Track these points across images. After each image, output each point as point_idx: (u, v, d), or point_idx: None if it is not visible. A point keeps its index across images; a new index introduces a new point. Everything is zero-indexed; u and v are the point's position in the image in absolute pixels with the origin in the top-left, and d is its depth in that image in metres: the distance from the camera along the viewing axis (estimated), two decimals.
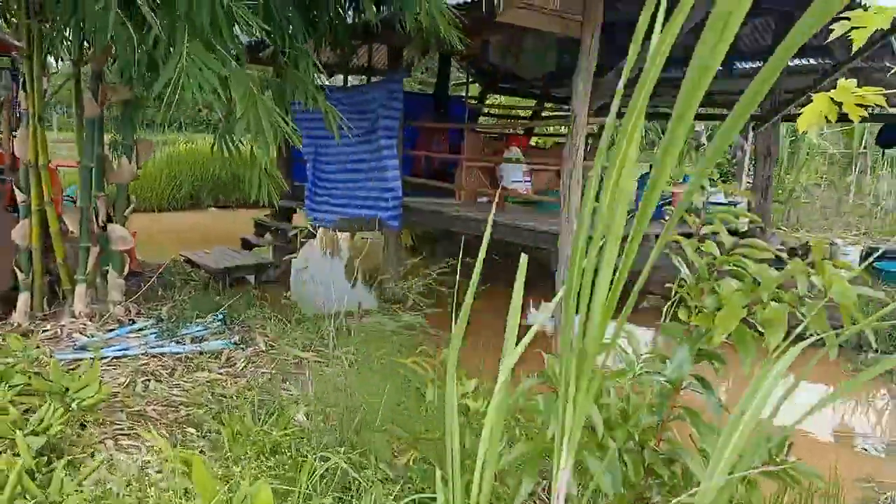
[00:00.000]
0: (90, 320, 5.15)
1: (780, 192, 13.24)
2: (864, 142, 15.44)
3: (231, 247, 10.06)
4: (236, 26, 4.10)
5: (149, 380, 4.28)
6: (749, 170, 11.48)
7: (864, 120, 3.10)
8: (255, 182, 4.78)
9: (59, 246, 5.26)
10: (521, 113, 13.15)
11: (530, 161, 9.41)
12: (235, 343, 4.97)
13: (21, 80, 5.24)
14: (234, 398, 3.99)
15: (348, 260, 10.40)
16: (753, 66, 10.06)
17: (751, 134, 13.28)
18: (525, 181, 9.42)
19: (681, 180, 8.48)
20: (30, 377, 3.47)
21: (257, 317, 5.72)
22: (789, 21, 8.00)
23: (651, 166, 1.10)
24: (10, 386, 3.37)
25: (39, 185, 5.12)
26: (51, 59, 5.57)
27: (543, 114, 12.42)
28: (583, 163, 6.43)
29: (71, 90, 5.26)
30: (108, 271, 5.42)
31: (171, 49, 3.72)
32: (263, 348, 4.97)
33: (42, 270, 5.27)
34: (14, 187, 5.21)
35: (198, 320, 5.30)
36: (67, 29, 4.81)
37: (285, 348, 4.96)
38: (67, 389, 3.36)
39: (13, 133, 5.82)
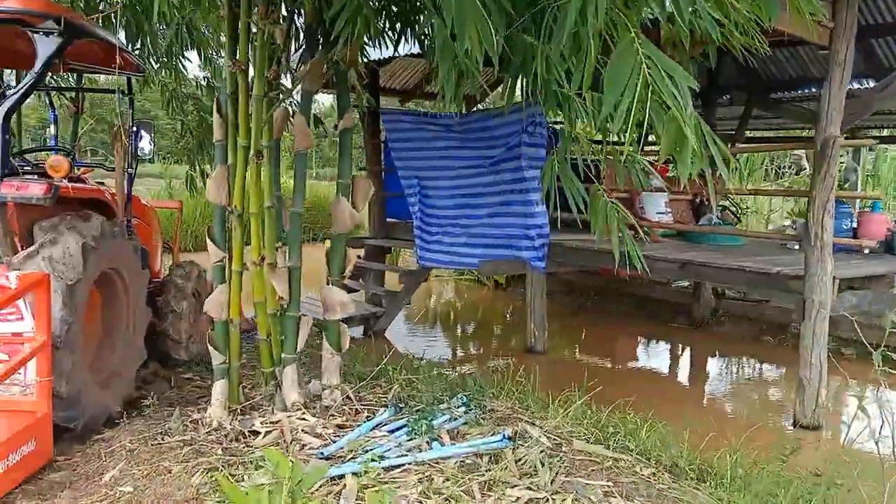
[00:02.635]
0: (308, 412, 3.96)
1: None
2: None
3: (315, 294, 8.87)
4: None
5: None
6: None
7: None
8: None
9: (264, 318, 4.06)
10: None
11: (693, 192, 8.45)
12: (509, 438, 3.81)
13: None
14: None
15: None
16: None
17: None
18: (668, 212, 8.45)
19: None
20: None
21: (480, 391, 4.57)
22: None
23: None
24: None
25: (242, 237, 3.94)
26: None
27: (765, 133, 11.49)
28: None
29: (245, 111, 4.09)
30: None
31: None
32: (548, 444, 3.82)
33: (239, 350, 4.07)
34: (209, 237, 4.01)
35: (440, 406, 4.12)
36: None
37: (580, 444, 3.82)
38: None
39: (128, 170, 4.84)
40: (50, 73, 5.56)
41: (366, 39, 3.81)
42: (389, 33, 4.07)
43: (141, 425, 4.18)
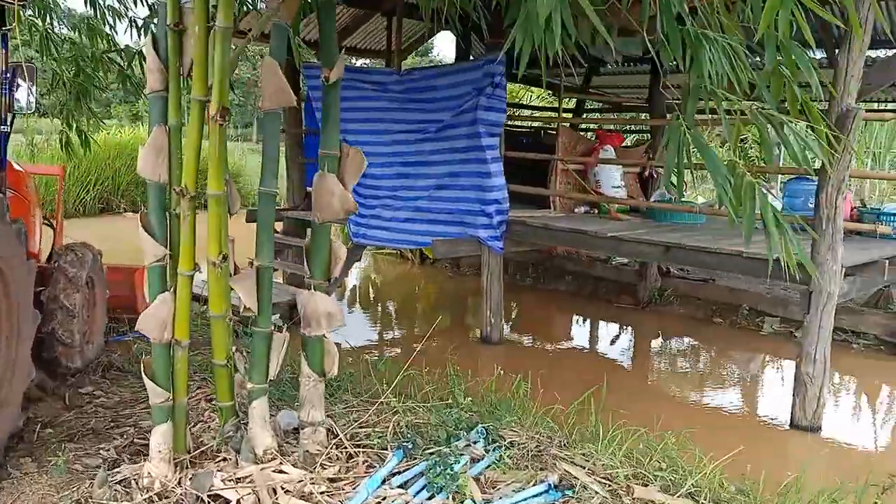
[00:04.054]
0: (287, 461, 2.93)
1: None
2: None
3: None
4: None
5: None
6: None
7: None
8: None
9: (222, 338, 2.95)
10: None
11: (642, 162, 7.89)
12: (555, 487, 2.99)
13: None
14: None
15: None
16: None
17: None
18: (622, 186, 7.86)
19: None
20: None
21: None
22: None
23: None
24: None
25: (194, 229, 2.80)
26: None
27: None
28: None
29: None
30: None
31: None
32: (603, 493, 3.03)
33: (187, 383, 2.95)
34: (144, 229, 2.82)
35: (457, 445, 3.21)
36: None
37: (642, 491, 3.05)
38: None
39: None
40: None
41: None
42: None
43: (39, 486, 2.98)
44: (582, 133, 9.16)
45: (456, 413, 3.40)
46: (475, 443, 3.26)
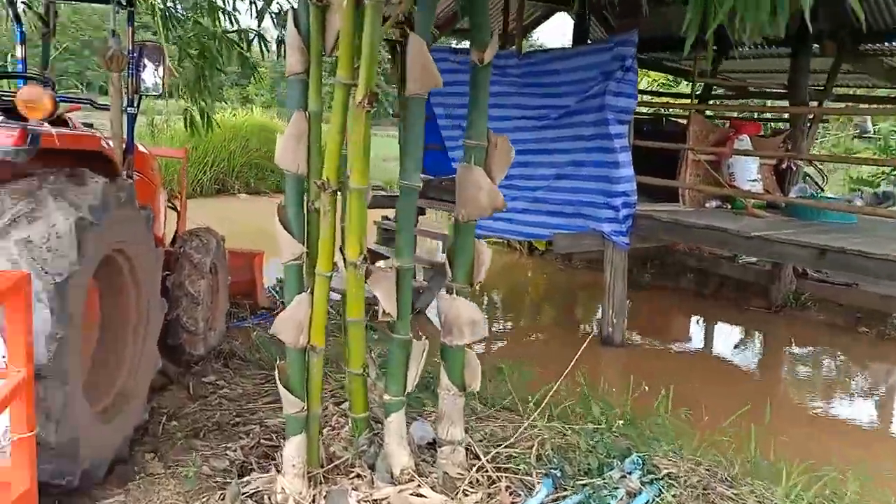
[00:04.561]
0: (425, 482, 2.66)
1: None
2: None
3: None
4: None
5: None
6: None
7: None
8: None
9: (359, 344, 2.71)
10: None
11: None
12: None
13: None
14: None
15: None
16: None
17: None
18: (759, 180, 7.19)
19: None
20: None
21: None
22: None
23: None
24: None
25: (334, 226, 2.55)
26: None
27: None
28: None
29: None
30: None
31: None
32: None
33: (320, 393, 2.73)
34: (280, 224, 2.60)
35: (611, 476, 2.85)
36: None
37: None
38: None
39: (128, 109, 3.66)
40: None
41: None
42: None
43: (168, 493, 2.85)
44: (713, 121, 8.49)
45: (607, 437, 3.03)
46: (629, 474, 2.89)
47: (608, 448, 2.97)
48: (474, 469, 2.77)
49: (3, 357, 2.40)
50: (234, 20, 6.31)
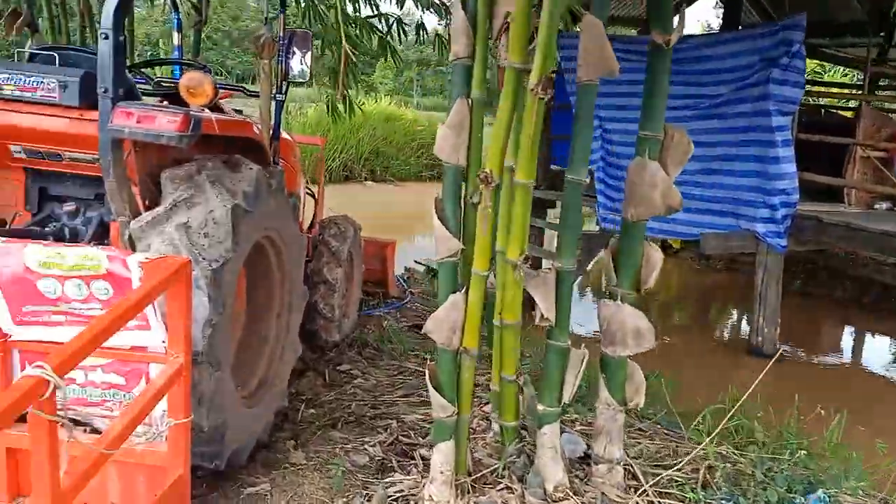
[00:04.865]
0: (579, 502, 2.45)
1: None
2: None
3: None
4: None
5: None
6: None
7: None
8: None
9: (513, 349, 2.53)
10: None
11: None
12: None
13: None
14: None
15: None
16: None
17: None
18: None
19: None
20: None
21: None
22: None
23: None
24: None
25: (493, 224, 2.38)
26: None
27: None
28: None
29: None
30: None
31: None
32: None
33: (471, 398, 2.57)
34: (438, 219, 2.46)
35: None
36: None
37: None
38: None
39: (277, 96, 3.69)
40: None
41: None
42: None
43: (312, 487, 2.80)
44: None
45: (786, 467, 2.69)
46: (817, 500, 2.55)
47: (789, 481, 2.63)
48: (634, 492, 2.53)
49: (163, 342, 2.41)
50: (374, 5, 6.28)
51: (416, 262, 7.24)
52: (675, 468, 2.72)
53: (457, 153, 2.42)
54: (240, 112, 3.98)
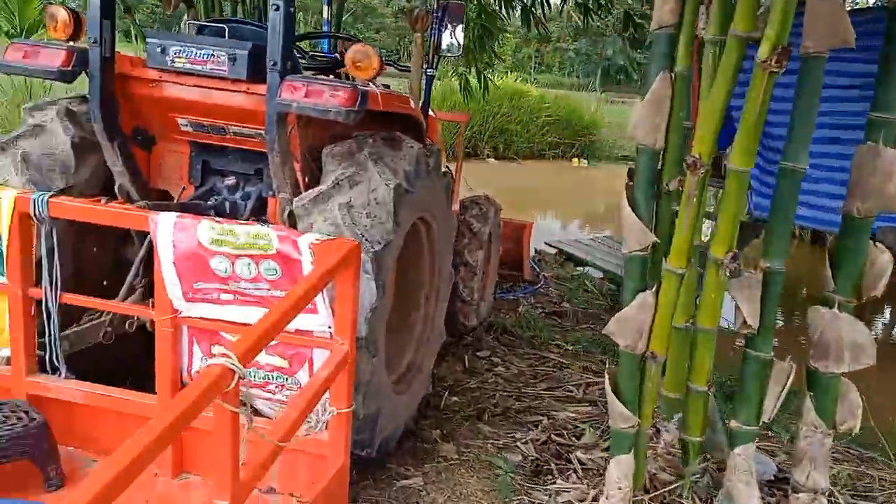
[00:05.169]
0: None
1: None
2: None
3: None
4: None
5: None
6: None
7: None
8: None
9: (707, 357, 2.25)
10: None
11: None
12: None
13: None
14: None
15: None
16: None
17: None
18: None
19: None
20: None
21: None
22: None
23: None
24: None
25: (696, 216, 2.09)
26: None
27: None
28: None
29: None
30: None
31: None
32: None
33: (653, 408, 2.32)
34: (630, 208, 2.20)
35: None
36: None
37: None
38: None
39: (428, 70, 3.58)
40: None
41: None
42: None
43: (468, 487, 2.64)
44: None
45: None
46: None
47: None
48: None
49: (329, 327, 2.30)
50: None
51: (546, 244, 6.98)
52: (883, 501, 2.36)
53: (655, 134, 2.14)
54: (387, 87, 3.86)
